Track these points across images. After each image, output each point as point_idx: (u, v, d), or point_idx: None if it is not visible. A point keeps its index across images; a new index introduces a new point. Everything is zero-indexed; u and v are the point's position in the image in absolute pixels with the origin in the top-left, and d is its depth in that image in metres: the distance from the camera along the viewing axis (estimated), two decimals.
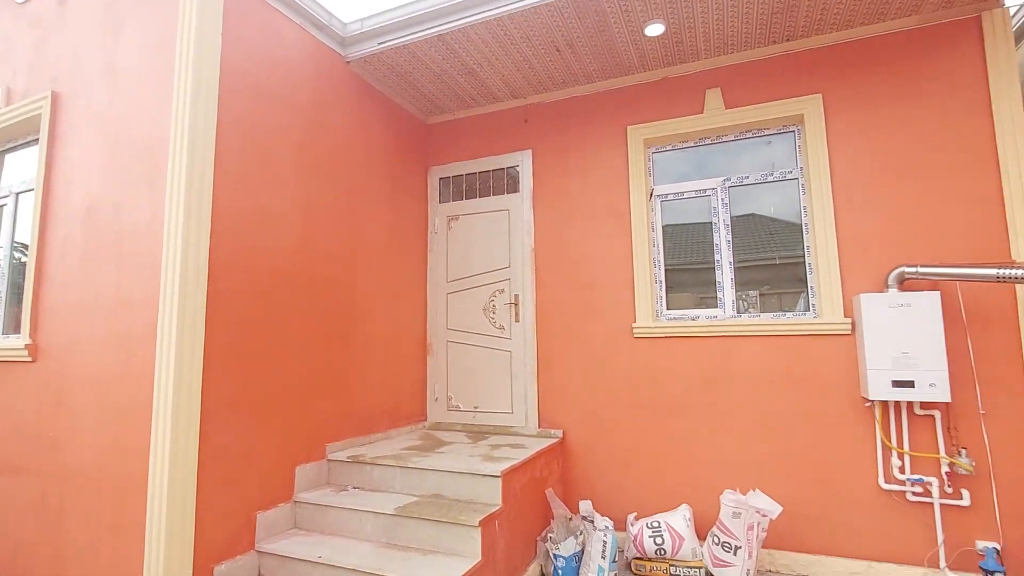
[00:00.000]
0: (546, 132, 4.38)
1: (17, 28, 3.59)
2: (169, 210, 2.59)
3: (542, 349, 4.19)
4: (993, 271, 2.90)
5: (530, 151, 4.41)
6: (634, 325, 3.88)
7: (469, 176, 4.65)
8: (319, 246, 3.46)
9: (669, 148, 4.08)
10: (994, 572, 2.85)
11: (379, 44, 3.64)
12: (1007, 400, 3.05)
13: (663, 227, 4.05)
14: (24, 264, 3.44)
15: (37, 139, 3.44)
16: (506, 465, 3.08)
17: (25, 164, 3.65)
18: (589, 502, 3.54)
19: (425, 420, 4.50)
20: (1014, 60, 3.19)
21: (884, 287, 3.28)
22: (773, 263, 3.83)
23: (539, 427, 4.11)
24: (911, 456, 3.18)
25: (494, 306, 4.39)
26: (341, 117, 3.76)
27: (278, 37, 3.25)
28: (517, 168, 4.45)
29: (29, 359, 3.00)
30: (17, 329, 3.35)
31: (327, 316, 3.49)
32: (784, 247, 3.78)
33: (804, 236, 3.65)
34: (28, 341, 3.00)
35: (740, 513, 3.14)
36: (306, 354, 3.29)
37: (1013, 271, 2.84)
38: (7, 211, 3.66)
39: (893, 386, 3.09)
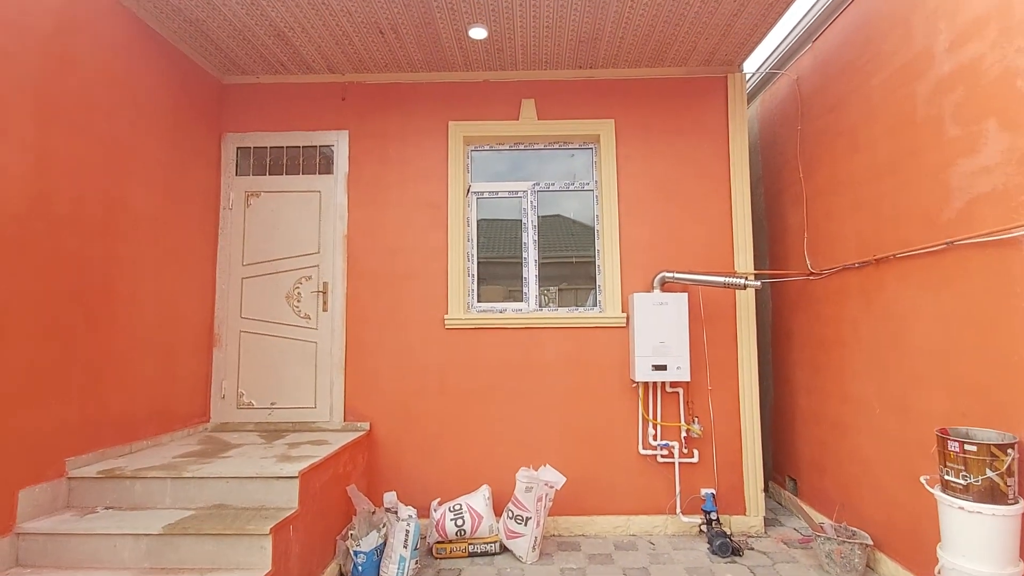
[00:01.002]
0: (366, 114, 4.19)
1: None
2: None
3: (352, 340, 4.02)
4: (721, 279, 3.71)
5: (347, 132, 4.17)
6: (446, 317, 3.99)
7: (275, 150, 4.20)
8: (61, 212, 2.76)
9: (487, 148, 4.27)
10: (710, 512, 3.67)
11: None
12: (725, 379, 3.95)
13: (480, 221, 4.23)
14: None
15: None
16: (304, 464, 2.89)
17: None
18: (394, 493, 3.53)
19: (208, 421, 3.96)
20: (745, 115, 4.11)
21: (651, 288, 3.95)
22: (571, 261, 4.30)
23: (344, 421, 3.95)
24: (662, 426, 3.91)
25: (299, 294, 4.06)
26: (101, 56, 3.05)
27: None
28: (332, 148, 4.17)
29: None
30: None
31: (72, 299, 2.81)
32: (581, 248, 4.27)
33: (596, 240, 4.18)
34: None
35: (532, 487, 3.47)
36: (38, 347, 2.61)
37: (734, 280, 3.67)
38: None
39: (652, 370, 3.75)
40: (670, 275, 3.85)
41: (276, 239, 4.09)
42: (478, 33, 3.61)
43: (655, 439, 3.88)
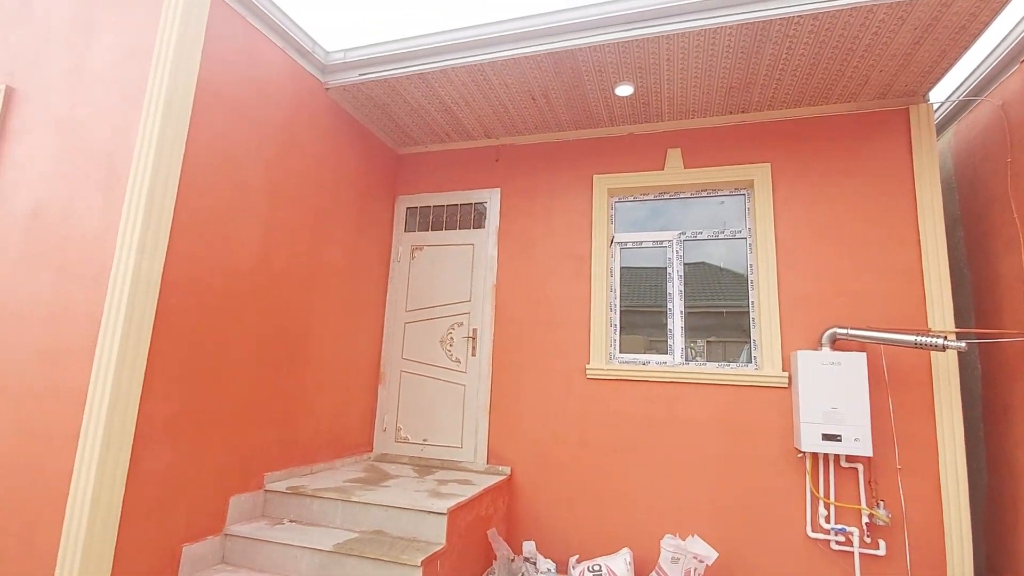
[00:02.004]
0: (516, 173, 4.52)
1: None
2: (125, 220, 2.50)
3: (496, 384, 4.21)
4: (912, 338, 3.18)
5: (499, 189, 4.53)
6: (588, 366, 3.98)
7: (436, 208, 4.71)
8: (278, 267, 3.39)
9: (631, 199, 4.30)
10: None
11: (360, 75, 3.70)
12: (920, 457, 3.31)
13: (623, 268, 4.22)
14: None
15: None
16: (453, 502, 3.05)
17: None
18: (533, 543, 3.53)
19: (371, 451, 4.39)
20: (935, 149, 3.59)
21: (818, 345, 3.53)
22: (721, 312, 4.04)
23: (487, 463, 4.09)
24: (836, 506, 3.37)
25: (452, 339, 4.39)
26: (314, 140, 3.76)
27: (258, 57, 3.26)
28: (485, 204, 4.55)
29: None
30: None
31: (279, 339, 3.40)
32: (731, 297, 4.01)
33: (750, 291, 3.90)
34: None
35: (679, 559, 3.21)
36: (253, 378, 3.18)
37: (929, 339, 3.13)
38: None
39: (823, 439, 3.30)
40: (843, 331, 3.41)
41: (435, 288, 4.52)
42: (624, 91, 3.73)
43: (827, 521, 3.36)
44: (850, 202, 3.70)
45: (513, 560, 3.40)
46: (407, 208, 4.79)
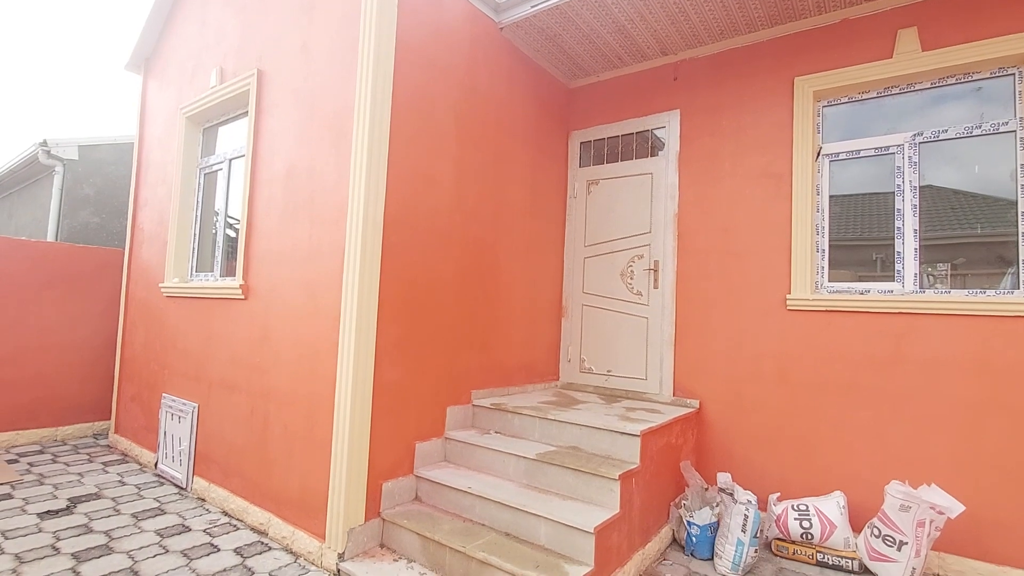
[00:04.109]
0: (696, 89, 4.13)
1: (226, 14, 4.21)
2: (354, 170, 2.93)
3: (681, 318, 4.07)
4: None
5: (678, 111, 4.20)
6: (789, 297, 3.60)
7: (611, 140, 4.58)
8: (469, 207, 3.67)
9: (845, 100, 3.64)
10: None
11: (533, 7, 3.68)
12: None
13: (829, 196, 3.65)
14: (231, 226, 4.14)
15: (246, 112, 4.05)
16: (644, 426, 3.09)
17: (235, 135, 4.32)
18: (728, 474, 3.42)
19: (557, 380, 4.66)
20: None
21: None
22: (968, 241, 3.28)
23: (673, 395, 4.04)
24: None
25: (632, 272, 4.33)
26: (491, 82, 3.90)
27: (441, 6, 3.44)
28: (662, 130, 4.28)
29: (242, 297, 3.62)
30: (232, 273, 4.05)
31: (475, 273, 3.72)
32: (969, 225, 3.22)
33: (1020, 201, 3.07)
34: (241, 282, 3.61)
35: (910, 507, 2.84)
36: (455, 307, 3.56)
37: None
38: (222, 175, 4.38)
39: None
40: None
41: (612, 221, 4.47)
42: None
43: None
44: None
45: (707, 489, 3.36)
46: (580, 143, 4.75)
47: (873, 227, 3.54)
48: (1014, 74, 3.15)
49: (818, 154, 3.67)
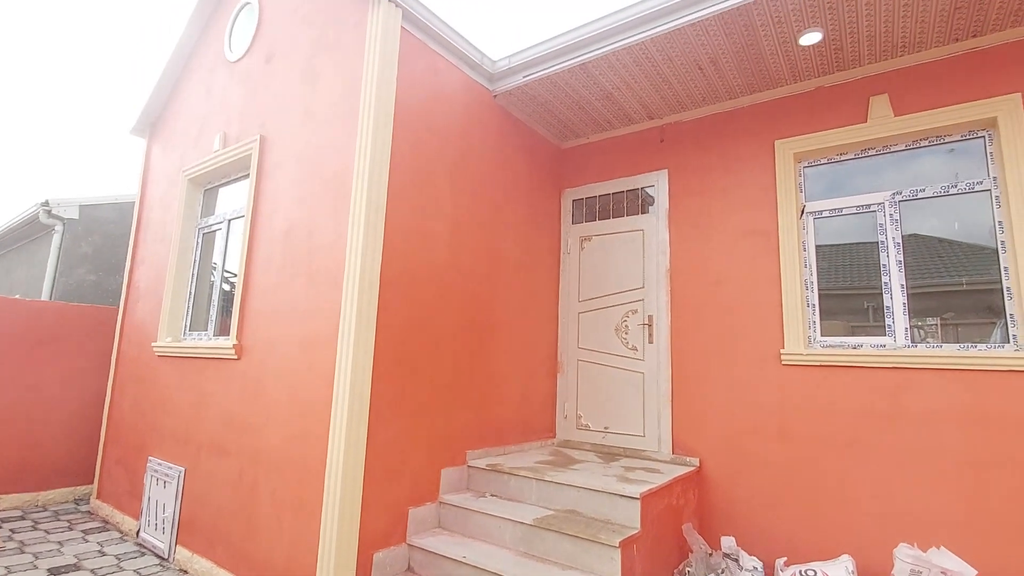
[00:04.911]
0: (683, 151, 4.31)
1: (231, 83, 4.41)
2: (352, 229, 2.99)
3: (677, 372, 4.05)
4: None
5: (666, 171, 4.36)
6: (783, 351, 3.61)
7: (602, 197, 4.72)
8: (464, 263, 3.73)
9: (824, 161, 3.80)
10: None
11: (524, 77, 3.89)
12: None
13: (816, 247, 3.75)
14: (227, 280, 4.17)
15: (247, 175, 4.17)
16: (644, 488, 3.01)
17: (235, 196, 4.43)
18: (732, 538, 3.31)
19: (554, 437, 4.56)
20: None
21: None
22: (954, 290, 3.35)
23: (673, 453, 3.96)
24: None
25: (626, 326, 4.35)
26: (486, 144, 4.06)
27: (438, 76, 3.63)
28: (651, 188, 4.43)
29: (235, 357, 3.59)
30: (226, 331, 4.04)
31: (469, 330, 3.73)
32: (955, 273, 3.30)
33: (1001, 254, 3.16)
34: (235, 341, 3.59)
35: (920, 572, 2.74)
36: (453, 365, 3.54)
37: None
38: (220, 235, 4.45)
39: None
40: None
41: (606, 277, 4.53)
42: (810, 38, 3.32)
43: None
44: None
45: (711, 555, 3.24)
46: (573, 201, 4.88)
47: (863, 276, 3.60)
48: (984, 137, 3.32)
49: (802, 212, 3.79)
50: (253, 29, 4.27)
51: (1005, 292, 3.13)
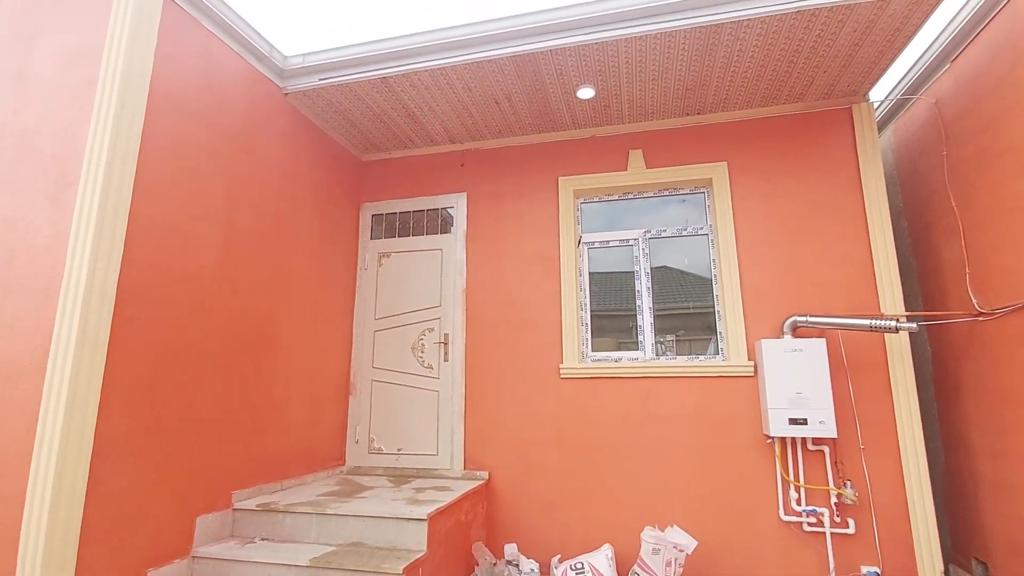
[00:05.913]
0: (482, 177, 4.54)
1: None
2: (77, 228, 2.38)
3: (470, 389, 4.18)
4: (867, 321, 3.35)
5: (465, 194, 4.54)
6: (561, 366, 4.01)
7: (403, 215, 4.68)
8: (240, 275, 3.29)
9: (596, 200, 4.38)
10: None
11: (320, 80, 3.66)
12: (881, 436, 3.47)
13: (590, 274, 4.28)
14: None
15: None
16: (432, 508, 2.99)
17: None
18: (515, 545, 3.50)
19: (343, 464, 4.27)
20: (877, 146, 3.81)
21: (780, 334, 3.66)
22: (684, 313, 4.15)
23: (465, 469, 4.04)
24: (806, 489, 3.49)
25: (423, 345, 4.34)
26: (273, 146, 3.69)
27: (213, 61, 3.18)
28: (452, 209, 4.55)
29: None
30: None
31: (245, 351, 3.29)
32: (693, 299, 4.13)
33: (714, 284, 4.02)
34: None
35: (659, 549, 3.24)
36: (218, 391, 3.06)
37: (882, 322, 3.30)
38: None
39: (789, 423, 3.41)
40: (803, 319, 3.55)
41: (403, 295, 4.47)
42: (586, 93, 3.82)
43: (799, 504, 3.47)
44: (803, 197, 3.88)
45: (495, 564, 3.36)
46: (372, 215, 4.74)
47: (629, 300, 4.22)
48: (704, 192, 4.21)
49: (579, 242, 4.30)
50: None
51: (716, 315, 3.98)
